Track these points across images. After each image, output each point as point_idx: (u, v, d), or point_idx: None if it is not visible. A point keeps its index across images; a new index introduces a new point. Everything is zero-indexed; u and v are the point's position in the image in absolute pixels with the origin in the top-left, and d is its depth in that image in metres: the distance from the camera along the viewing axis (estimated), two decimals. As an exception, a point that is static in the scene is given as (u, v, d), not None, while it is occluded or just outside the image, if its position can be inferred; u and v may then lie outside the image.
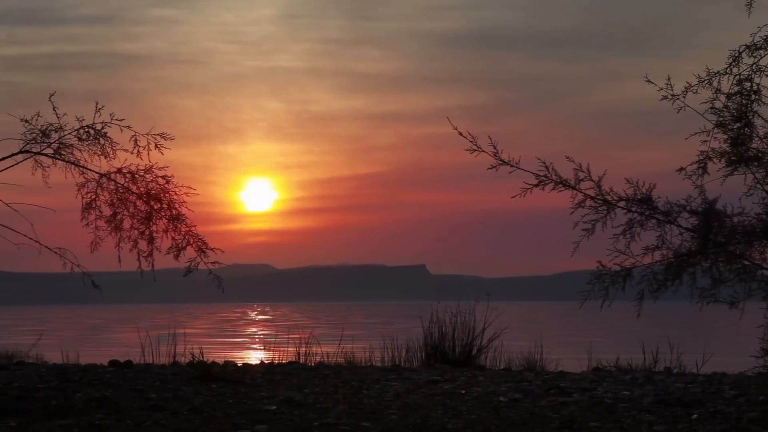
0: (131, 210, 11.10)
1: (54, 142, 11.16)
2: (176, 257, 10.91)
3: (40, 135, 11.14)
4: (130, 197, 11.08)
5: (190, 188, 11.00)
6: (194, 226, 11.01)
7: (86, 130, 11.10)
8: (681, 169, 9.43)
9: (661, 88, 9.62)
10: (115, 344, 44.81)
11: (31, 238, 10.98)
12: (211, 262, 10.96)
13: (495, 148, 8.59)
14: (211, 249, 10.88)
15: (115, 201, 11.12)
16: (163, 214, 10.94)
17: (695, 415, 10.26)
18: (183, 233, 10.98)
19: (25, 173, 11.22)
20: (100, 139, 10.99)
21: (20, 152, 11.21)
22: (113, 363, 16.42)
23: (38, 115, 11.12)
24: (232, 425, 9.83)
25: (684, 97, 9.58)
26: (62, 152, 11.11)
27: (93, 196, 11.18)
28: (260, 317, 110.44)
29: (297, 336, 17.87)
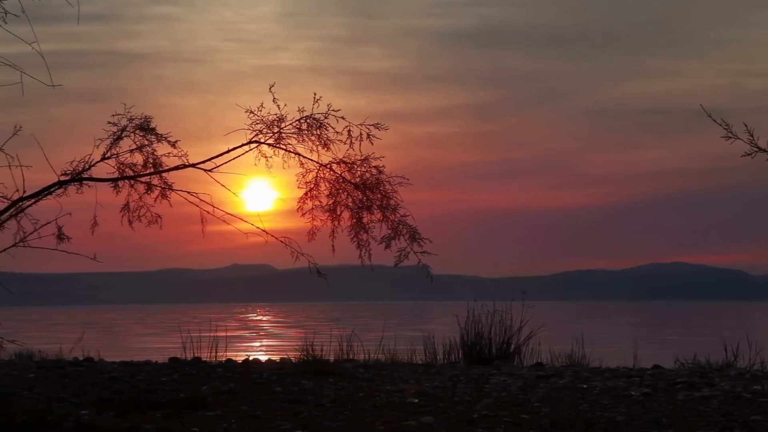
0: (347, 200, 11.05)
1: (276, 132, 11.15)
2: (387, 246, 10.81)
3: (265, 126, 11.17)
4: (347, 187, 11.05)
5: (404, 178, 10.94)
6: (408, 215, 10.98)
7: (306, 120, 11.11)
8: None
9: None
10: (132, 344, 44.74)
11: (259, 228, 10.94)
12: (421, 252, 10.83)
13: (751, 135, 8.58)
14: (422, 239, 10.78)
15: (333, 191, 11.07)
16: (377, 203, 10.78)
17: None
18: (395, 222, 10.86)
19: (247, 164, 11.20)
20: (319, 129, 11.00)
21: (249, 142, 11.24)
22: (174, 360, 16.42)
23: (262, 106, 11.18)
24: (397, 417, 9.81)
25: None
26: (283, 143, 11.11)
27: (312, 186, 11.16)
28: (274, 318, 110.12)
29: (338, 334, 17.72)
